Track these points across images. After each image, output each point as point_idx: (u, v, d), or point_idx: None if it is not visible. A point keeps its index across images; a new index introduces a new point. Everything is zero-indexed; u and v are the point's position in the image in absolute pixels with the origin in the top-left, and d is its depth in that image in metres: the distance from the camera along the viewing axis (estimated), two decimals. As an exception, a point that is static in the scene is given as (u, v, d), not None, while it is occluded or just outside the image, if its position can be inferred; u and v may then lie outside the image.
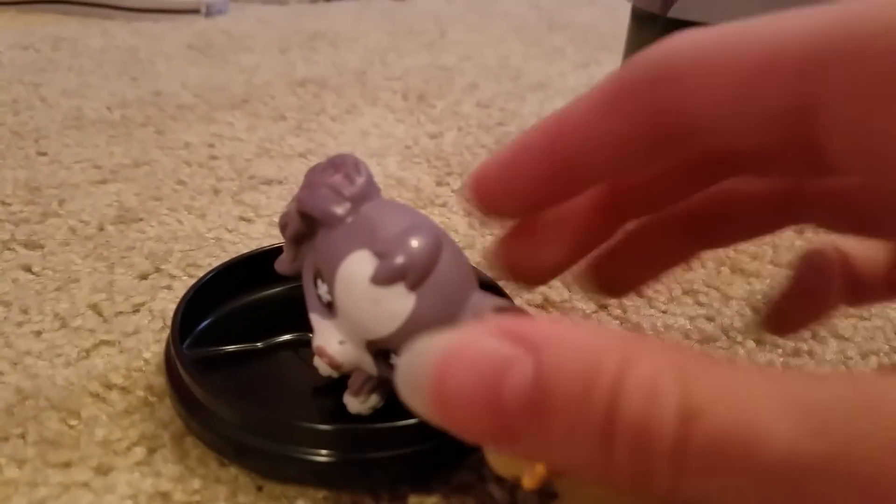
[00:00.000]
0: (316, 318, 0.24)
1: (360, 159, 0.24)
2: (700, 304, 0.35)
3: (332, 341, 0.23)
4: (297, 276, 0.25)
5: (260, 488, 0.24)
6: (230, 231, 0.41)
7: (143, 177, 0.48)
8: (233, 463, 0.25)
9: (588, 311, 0.34)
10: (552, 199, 0.21)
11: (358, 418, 0.25)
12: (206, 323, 0.30)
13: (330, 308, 0.23)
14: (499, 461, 0.22)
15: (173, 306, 0.33)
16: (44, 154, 0.52)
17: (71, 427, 0.27)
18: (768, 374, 0.12)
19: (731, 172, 0.22)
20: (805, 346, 0.32)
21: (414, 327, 0.21)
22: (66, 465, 0.25)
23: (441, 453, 0.24)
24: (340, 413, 0.25)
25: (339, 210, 0.23)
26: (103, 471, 0.25)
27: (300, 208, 0.23)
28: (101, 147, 0.53)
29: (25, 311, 0.33)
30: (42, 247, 0.39)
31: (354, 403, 0.25)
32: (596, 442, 0.13)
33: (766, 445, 0.11)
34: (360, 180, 0.23)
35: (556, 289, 0.36)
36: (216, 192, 0.46)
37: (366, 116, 0.63)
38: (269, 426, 0.24)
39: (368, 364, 0.23)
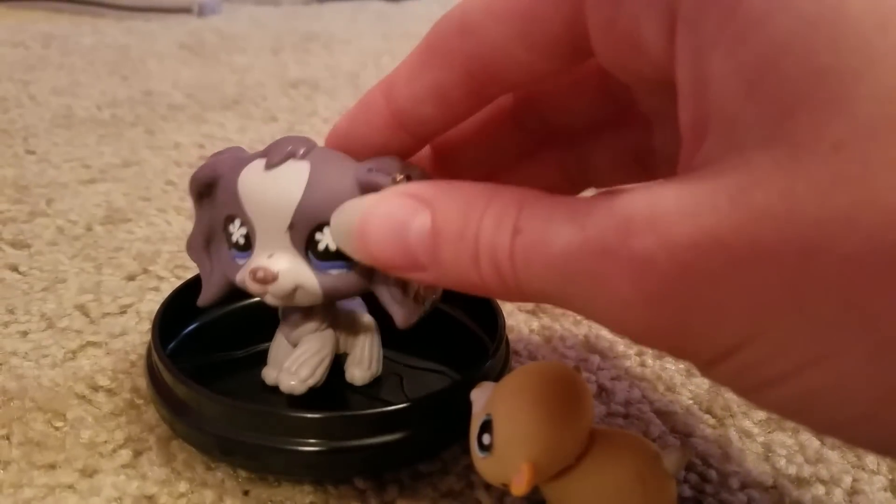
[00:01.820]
0: (243, 272, 0.24)
1: None
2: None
3: (261, 258, 0.23)
4: (225, 293, 0.25)
5: (246, 492, 0.24)
6: (220, 232, 0.41)
7: (133, 177, 0.48)
8: (219, 460, 0.25)
9: (578, 317, 0.34)
10: (400, 153, 0.23)
11: (342, 407, 0.26)
12: (190, 328, 0.30)
13: (248, 242, 0.24)
14: (487, 468, 0.21)
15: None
16: (32, 153, 0.51)
17: (56, 428, 0.26)
18: (565, 203, 0.17)
19: (542, 116, 0.25)
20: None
21: (321, 184, 0.22)
22: (52, 466, 0.25)
23: (425, 441, 0.24)
24: (318, 408, 0.25)
25: (221, 155, 0.24)
26: (88, 473, 0.24)
27: (197, 184, 0.24)
28: (91, 146, 0.53)
29: (12, 311, 0.33)
30: (29, 246, 0.39)
31: (285, 381, 0.25)
32: (470, 263, 0.18)
33: (555, 245, 0.16)
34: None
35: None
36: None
37: (358, 119, 0.63)
38: (254, 419, 0.23)
39: (303, 270, 0.23)
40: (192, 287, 0.29)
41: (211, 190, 0.24)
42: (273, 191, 0.23)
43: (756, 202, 0.13)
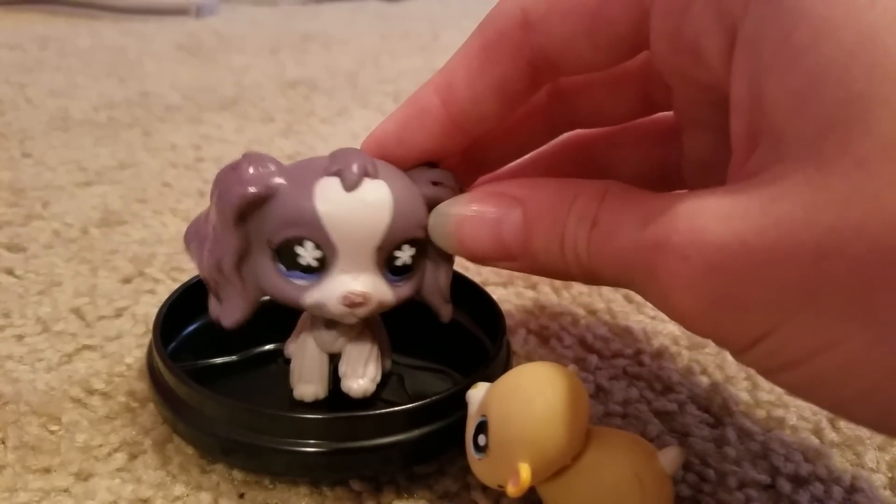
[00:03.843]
0: (313, 292, 0.23)
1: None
2: (689, 310, 0.35)
3: (348, 282, 0.23)
4: (245, 324, 0.24)
5: (242, 495, 0.24)
6: (216, 234, 0.41)
7: (129, 179, 0.48)
8: (220, 461, 0.25)
9: (577, 317, 0.34)
10: (445, 155, 0.24)
11: (342, 408, 0.26)
12: (189, 329, 0.30)
13: (321, 265, 0.22)
14: (483, 469, 0.21)
15: (156, 310, 0.33)
16: (28, 155, 0.51)
17: (51, 432, 0.26)
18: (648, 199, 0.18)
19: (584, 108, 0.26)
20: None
21: (402, 203, 0.23)
22: (47, 470, 0.24)
23: (427, 442, 0.24)
24: (324, 409, 0.25)
25: (261, 170, 0.22)
26: (83, 476, 0.24)
27: (244, 202, 0.22)
28: (87, 148, 0.53)
29: (7, 315, 0.33)
30: (25, 249, 0.38)
31: (356, 383, 0.25)
32: (558, 253, 0.20)
33: (620, 238, 0.18)
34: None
35: (545, 294, 0.35)
36: (202, 194, 0.46)
37: (356, 119, 0.63)
38: (256, 419, 0.23)
39: (382, 287, 0.23)
40: (190, 290, 0.29)
41: (258, 207, 0.22)
42: (363, 214, 0.22)
43: (781, 211, 0.15)
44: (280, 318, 0.27)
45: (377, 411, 0.24)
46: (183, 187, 0.47)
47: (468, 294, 0.30)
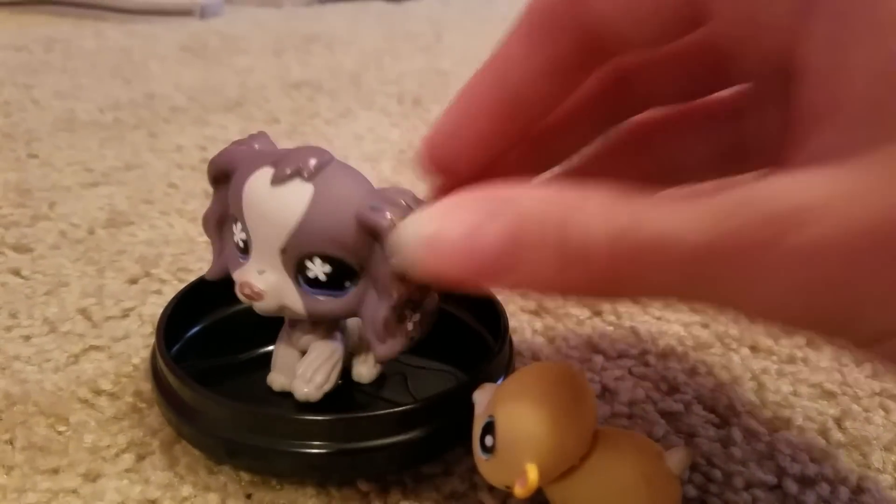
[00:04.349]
0: (238, 273, 0.24)
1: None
2: (695, 311, 0.35)
3: (251, 273, 0.23)
4: (228, 274, 0.25)
5: (249, 496, 0.24)
6: (222, 235, 0.41)
7: (135, 180, 0.48)
8: (225, 463, 0.25)
9: (582, 318, 0.34)
10: (504, 145, 0.22)
11: (346, 409, 0.26)
12: (194, 331, 0.30)
13: (246, 247, 0.24)
14: (490, 470, 0.21)
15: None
16: (35, 156, 0.51)
17: (59, 433, 0.26)
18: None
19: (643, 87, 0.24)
20: (800, 354, 0.32)
21: (319, 215, 0.22)
22: (55, 471, 0.25)
23: (431, 442, 0.24)
24: (323, 410, 0.25)
25: (242, 147, 0.24)
26: (92, 477, 0.24)
27: (213, 170, 0.25)
28: (93, 150, 0.53)
29: (14, 316, 0.33)
30: (32, 250, 0.39)
31: (300, 388, 0.25)
32: (555, 266, 0.16)
33: (678, 245, 0.15)
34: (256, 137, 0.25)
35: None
36: (208, 195, 0.46)
37: (360, 120, 0.63)
38: (260, 422, 0.23)
39: (290, 292, 0.23)
40: (195, 290, 0.29)
41: (227, 178, 0.24)
42: (271, 211, 0.23)
43: None
44: (282, 319, 0.27)
45: (380, 412, 0.24)
46: (189, 188, 0.47)
47: (471, 293, 0.30)
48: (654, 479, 0.21)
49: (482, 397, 0.22)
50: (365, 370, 0.28)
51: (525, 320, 0.34)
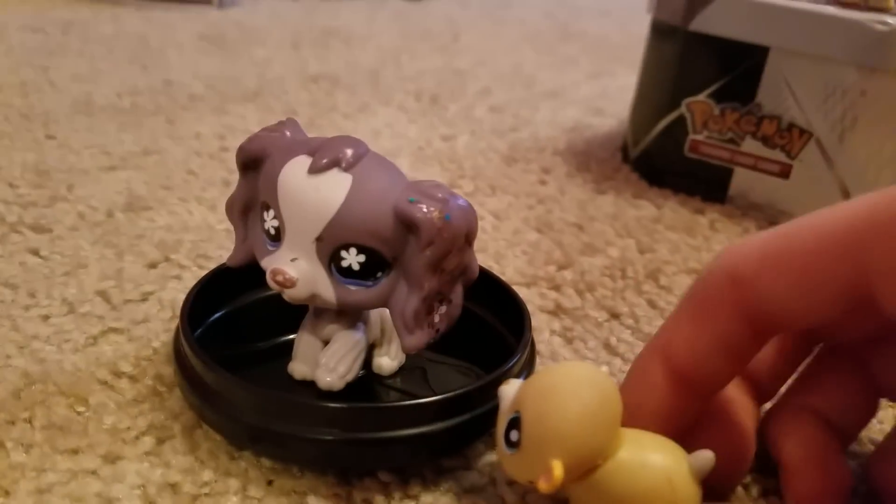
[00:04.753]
0: (267, 259, 0.24)
1: None
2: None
3: (284, 260, 0.23)
4: (251, 261, 0.26)
5: (270, 482, 0.24)
6: (240, 223, 0.41)
7: (153, 165, 0.48)
8: (247, 448, 0.25)
9: (600, 320, 0.34)
10: (683, 420, 0.23)
11: (367, 400, 0.26)
12: (214, 317, 0.30)
13: (278, 235, 0.24)
14: (514, 465, 0.21)
15: (182, 296, 0.33)
16: (52, 138, 0.51)
17: (78, 413, 0.26)
18: None
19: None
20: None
21: (357, 205, 0.22)
22: (74, 451, 0.25)
23: (452, 435, 0.24)
24: (344, 399, 0.25)
25: (273, 133, 0.24)
26: (111, 459, 0.24)
27: (243, 156, 0.25)
28: (111, 134, 0.53)
29: (33, 295, 0.33)
30: (50, 231, 0.39)
31: (324, 377, 0.25)
32: None
33: None
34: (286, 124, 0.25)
35: (568, 296, 0.35)
36: (227, 183, 0.46)
37: (378, 116, 0.63)
38: (284, 408, 0.23)
39: (322, 281, 0.23)
40: (217, 277, 0.29)
41: (257, 164, 0.24)
42: (309, 200, 0.23)
43: None
44: (304, 308, 0.27)
45: (405, 402, 0.24)
46: (208, 176, 0.47)
47: (492, 291, 0.30)
48: (678, 481, 0.21)
49: (508, 392, 0.22)
50: (385, 362, 0.28)
51: (544, 320, 0.34)
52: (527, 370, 0.27)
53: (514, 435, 0.21)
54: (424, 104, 0.67)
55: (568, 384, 0.21)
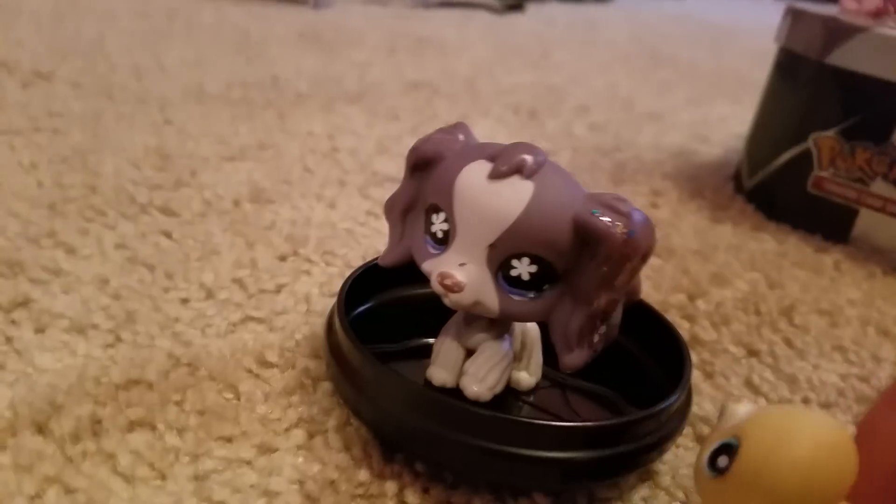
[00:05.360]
0: (431, 262, 0.24)
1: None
2: (850, 362, 0.34)
3: (452, 265, 0.23)
4: (405, 262, 0.25)
5: (426, 490, 0.24)
6: (361, 224, 0.41)
7: (271, 159, 0.48)
8: (399, 449, 0.24)
9: (739, 356, 0.33)
10: None
11: (511, 413, 0.25)
12: (356, 313, 0.30)
13: (445, 238, 0.23)
14: (711, 491, 0.20)
15: (315, 291, 0.33)
16: (170, 123, 0.52)
17: (227, 400, 0.26)
18: None
19: None
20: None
21: (537, 213, 0.22)
22: (228, 439, 0.24)
23: (611, 463, 0.23)
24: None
25: (447, 136, 0.24)
26: (265, 450, 0.24)
27: (416, 156, 0.24)
28: (225, 123, 0.53)
29: (171, 277, 0.33)
30: (179, 215, 0.39)
31: (471, 387, 0.25)
32: None
33: None
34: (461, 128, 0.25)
35: (705, 329, 0.35)
36: (342, 183, 0.46)
37: (478, 127, 0.62)
38: (447, 411, 0.23)
39: (488, 288, 0.23)
40: (365, 274, 0.29)
41: (428, 166, 0.24)
42: (488, 205, 0.22)
43: None
44: (441, 314, 0.26)
45: (570, 424, 0.23)
46: (324, 174, 0.47)
47: (642, 319, 0.29)
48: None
49: (735, 412, 0.21)
50: (524, 377, 0.27)
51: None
52: (686, 409, 0.26)
53: (723, 461, 0.20)
54: (523, 118, 0.66)
55: (809, 431, 0.19)
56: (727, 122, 0.73)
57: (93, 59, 0.65)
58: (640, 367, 0.29)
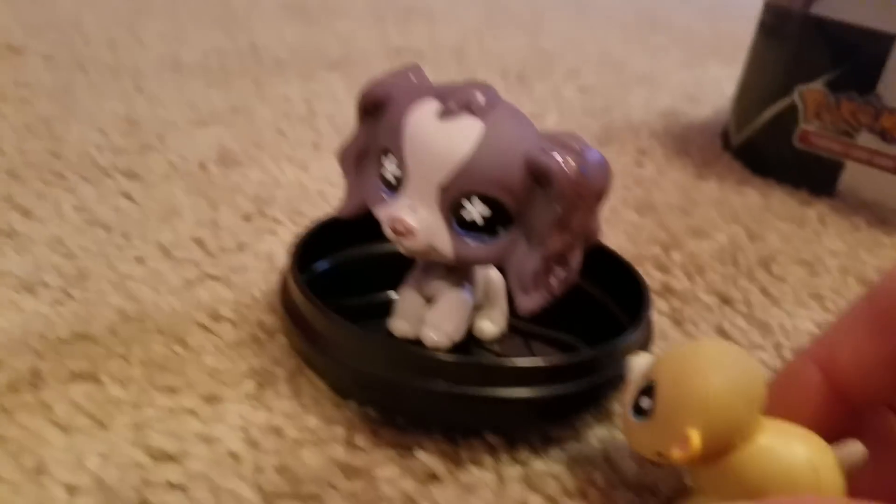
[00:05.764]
0: (386, 208, 0.23)
1: None
2: (826, 310, 0.33)
3: (404, 209, 0.22)
4: (362, 212, 0.24)
5: (375, 433, 0.23)
6: (333, 186, 0.40)
7: (243, 123, 0.47)
8: (352, 396, 0.24)
9: (711, 304, 0.32)
10: (832, 430, 0.21)
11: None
12: (316, 270, 0.29)
13: (397, 182, 0.22)
14: (642, 434, 0.20)
15: (279, 250, 0.33)
16: (141, 91, 0.51)
17: (176, 353, 0.25)
18: None
19: None
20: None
21: (488, 152, 0.21)
22: (172, 389, 0.24)
23: (564, 402, 0.23)
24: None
25: (399, 77, 0.23)
26: (211, 400, 0.23)
27: (366, 99, 0.23)
28: (199, 91, 0.53)
29: (127, 237, 0.32)
30: (142, 178, 0.38)
31: (429, 335, 0.24)
32: None
33: None
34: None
35: (677, 278, 0.34)
36: (317, 147, 0.45)
37: (463, 91, 0.61)
38: (398, 356, 0.22)
39: (441, 233, 0.22)
40: (323, 229, 0.28)
41: (378, 111, 0.23)
42: (438, 145, 0.21)
43: None
44: (402, 266, 0.25)
45: (518, 362, 0.23)
46: (297, 137, 0.46)
47: (601, 262, 0.29)
48: (822, 469, 0.19)
49: (638, 363, 0.21)
50: (487, 326, 0.27)
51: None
52: (644, 348, 0.25)
53: (645, 402, 0.20)
54: (511, 81, 0.65)
55: (712, 355, 0.19)
56: (719, 83, 0.72)
57: (68, 33, 0.64)
58: (606, 316, 0.28)
